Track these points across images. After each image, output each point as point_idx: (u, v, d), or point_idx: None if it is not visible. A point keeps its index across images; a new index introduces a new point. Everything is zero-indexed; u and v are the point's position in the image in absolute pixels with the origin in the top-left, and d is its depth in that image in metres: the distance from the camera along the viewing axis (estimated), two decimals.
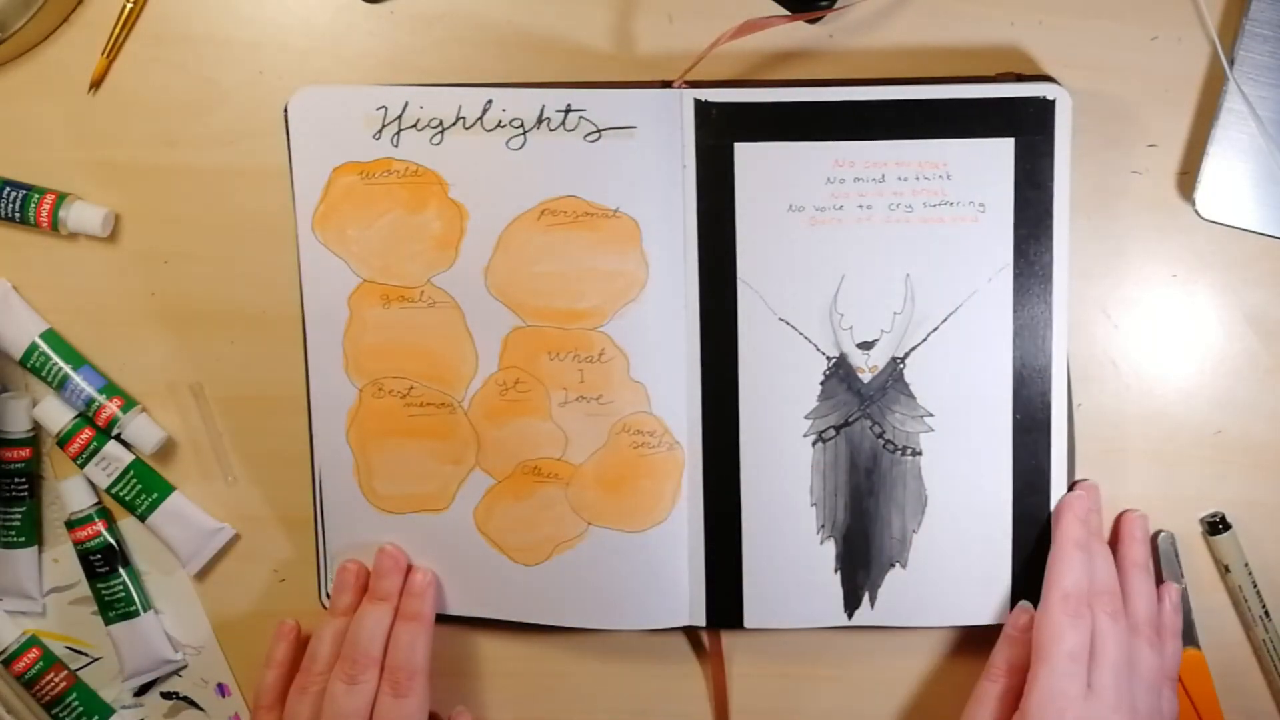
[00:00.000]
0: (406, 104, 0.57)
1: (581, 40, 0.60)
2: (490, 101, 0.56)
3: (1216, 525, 0.60)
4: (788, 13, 0.58)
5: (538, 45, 0.60)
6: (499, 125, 0.56)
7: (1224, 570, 0.60)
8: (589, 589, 0.59)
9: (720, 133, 0.56)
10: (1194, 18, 0.58)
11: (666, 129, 0.56)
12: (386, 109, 0.57)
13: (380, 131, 0.57)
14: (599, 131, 0.56)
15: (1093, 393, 0.60)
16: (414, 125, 0.57)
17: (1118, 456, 0.60)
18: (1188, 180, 0.59)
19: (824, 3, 0.57)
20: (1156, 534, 0.60)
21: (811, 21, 0.58)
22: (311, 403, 0.59)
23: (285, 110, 0.57)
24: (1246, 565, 0.60)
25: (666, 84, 0.57)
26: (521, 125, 0.56)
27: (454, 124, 0.57)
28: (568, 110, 0.56)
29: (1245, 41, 0.57)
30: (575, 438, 0.59)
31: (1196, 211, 0.58)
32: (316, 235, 0.58)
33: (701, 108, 0.56)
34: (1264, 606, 0.60)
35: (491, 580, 0.60)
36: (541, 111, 0.56)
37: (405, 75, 0.60)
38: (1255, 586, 0.60)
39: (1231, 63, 0.57)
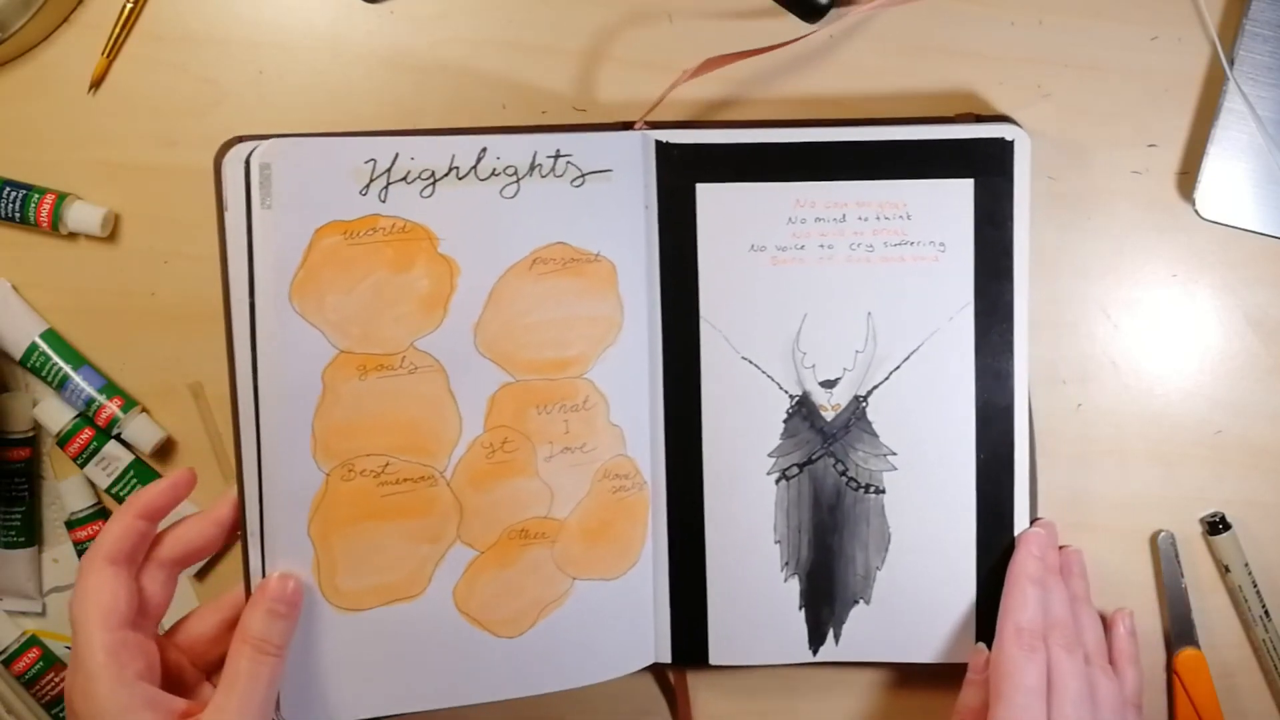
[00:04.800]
0: (397, 155, 0.52)
1: (583, 41, 0.60)
2: (485, 150, 0.54)
3: (1216, 525, 0.60)
4: (750, 49, 0.57)
5: (538, 46, 0.60)
6: (493, 174, 0.54)
7: (1224, 570, 0.60)
8: (573, 647, 0.57)
9: (682, 173, 0.56)
10: (1194, 18, 0.58)
11: (636, 171, 0.56)
12: (375, 161, 0.52)
13: (368, 186, 0.52)
14: (583, 176, 0.55)
15: (1093, 393, 0.60)
16: (404, 178, 0.53)
17: (1118, 456, 0.60)
18: (1188, 180, 0.59)
19: (824, 2, 0.57)
20: (1156, 534, 0.60)
21: (811, 21, 0.58)
22: (264, 497, 0.53)
23: (218, 165, 0.52)
24: (1246, 565, 0.60)
25: (628, 125, 0.57)
26: (515, 173, 0.54)
27: (446, 175, 0.53)
28: (557, 156, 0.54)
29: (1245, 41, 0.57)
30: (560, 491, 0.56)
31: (1196, 211, 0.58)
32: (294, 306, 0.52)
33: (663, 149, 0.56)
34: (1264, 606, 0.60)
35: (470, 663, 0.56)
36: (534, 158, 0.54)
37: (405, 75, 0.60)
38: (1255, 586, 0.60)
39: (1231, 63, 0.57)
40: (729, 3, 0.59)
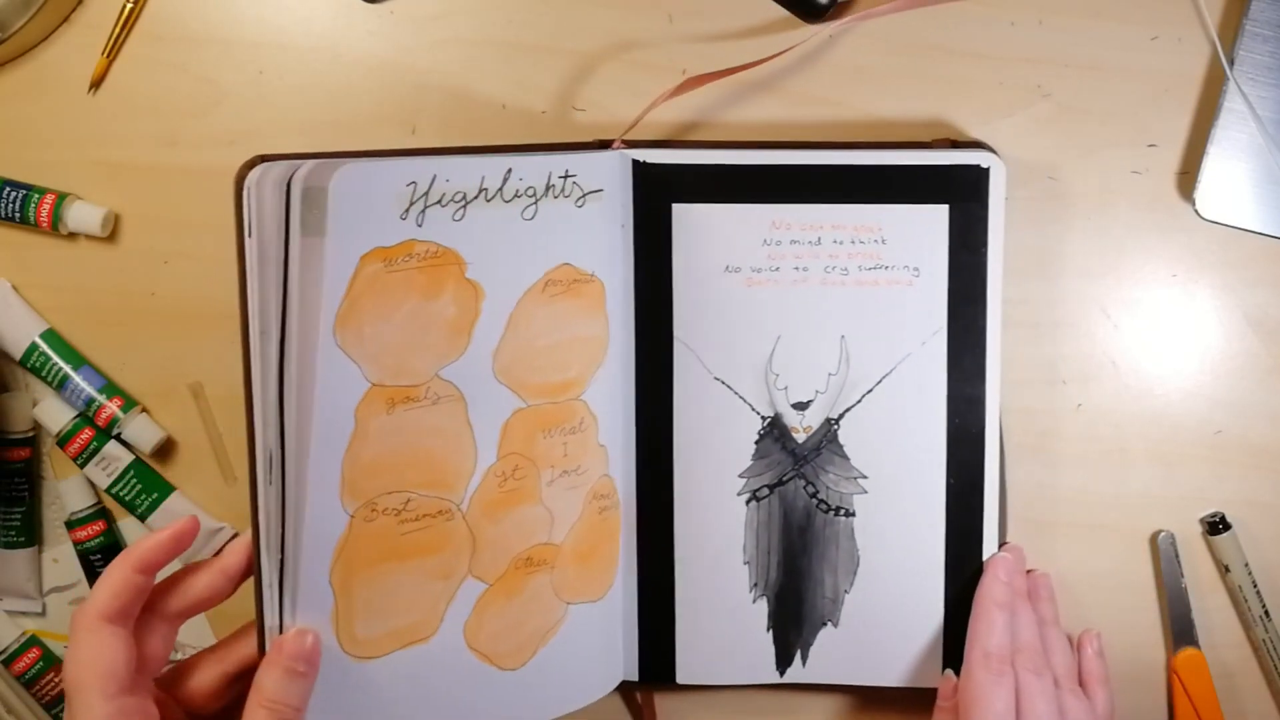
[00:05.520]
0: (435, 177, 0.49)
1: (582, 41, 0.60)
2: (510, 170, 0.51)
3: (1216, 525, 0.60)
4: (737, 65, 0.58)
5: (538, 46, 0.60)
6: (516, 195, 0.52)
7: (1224, 570, 0.60)
8: (565, 672, 0.57)
9: (658, 193, 0.56)
10: (1194, 18, 0.58)
11: (619, 190, 0.56)
12: (416, 184, 0.49)
13: (407, 210, 0.49)
14: (584, 196, 0.54)
15: (1093, 393, 0.60)
16: (439, 201, 0.50)
17: (1118, 456, 0.60)
18: (1188, 180, 0.59)
19: (824, 2, 0.57)
20: (1156, 534, 0.60)
21: (812, 21, 0.59)
22: (286, 545, 0.49)
23: (244, 189, 0.46)
24: (1246, 565, 0.60)
25: (606, 144, 0.57)
26: (534, 194, 0.52)
27: (476, 196, 0.50)
28: (566, 176, 0.53)
29: (1245, 41, 0.57)
30: (558, 515, 0.56)
31: (1196, 211, 0.58)
32: (336, 338, 0.48)
33: (640, 168, 0.56)
34: (1264, 606, 0.60)
35: (476, 699, 0.54)
36: (549, 178, 0.53)
37: (405, 75, 0.60)
38: (1255, 586, 0.60)
39: (1231, 63, 0.57)
40: (729, 3, 0.59)
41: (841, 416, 0.57)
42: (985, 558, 0.58)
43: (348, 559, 0.50)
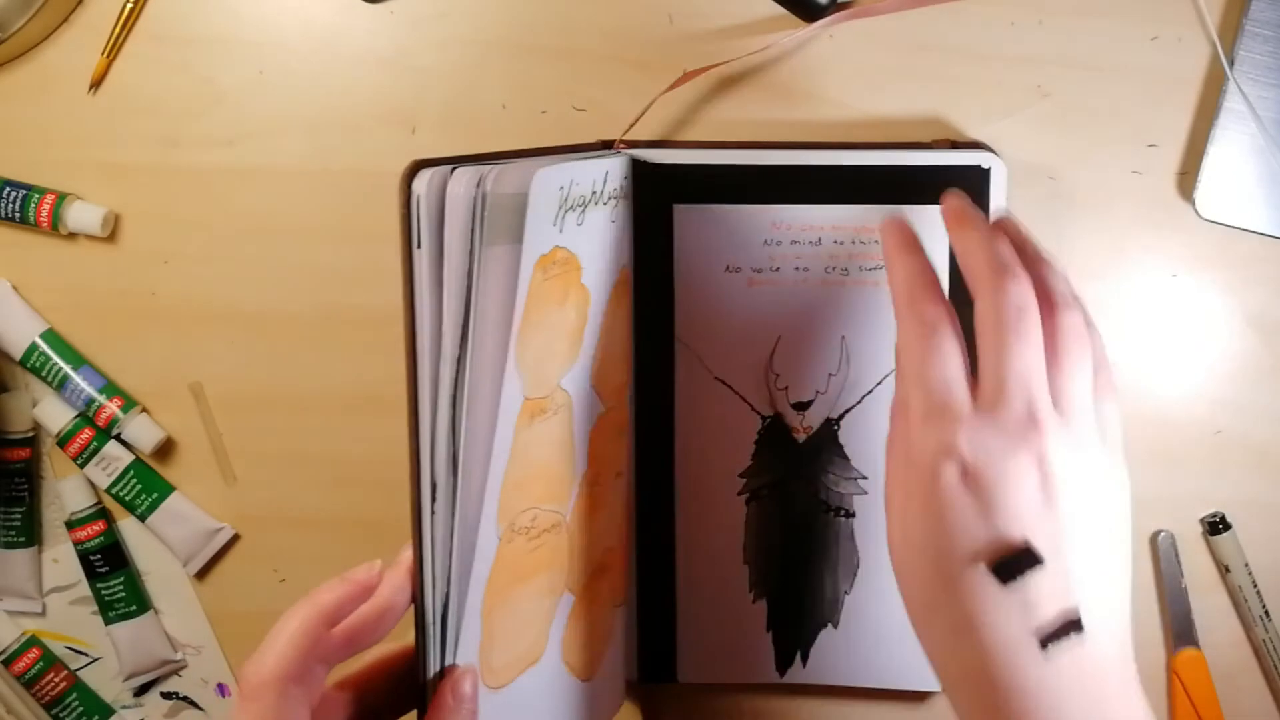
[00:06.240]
0: (572, 181, 0.46)
1: (583, 40, 0.60)
2: (608, 172, 0.50)
3: (1216, 525, 0.60)
4: (729, 57, 0.58)
5: (537, 46, 0.60)
6: (610, 198, 0.51)
7: (1224, 570, 0.60)
8: (613, 679, 0.57)
9: (659, 194, 0.56)
10: (1194, 18, 0.58)
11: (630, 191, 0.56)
12: (564, 188, 0.46)
13: (557, 215, 0.46)
14: (629, 196, 0.54)
15: None
16: (572, 206, 0.47)
17: None
18: (1188, 180, 0.59)
19: (824, 1, 0.57)
20: (1156, 534, 0.60)
21: (811, 20, 0.59)
22: (454, 579, 0.45)
23: (412, 198, 0.42)
24: (1246, 565, 0.60)
25: (607, 144, 0.57)
26: (616, 196, 0.51)
27: (590, 200, 0.48)
28: (626, 177, 0.53)
29: (1245, 41, 0.57)
30: (613, 518, 0.55)
31: (1196, 211, 0.58)
32: (515, 353, 0.44)
33: (641, 169, 0.56)
34: (1264, 606, 0.60)
35: (569, 716, 0.53)
36: (621, 180, 0.52)
37: (405, 75, 0.60)
38: (1255, 586, 0.60)
39: (1231, 63, 0.57)
40: (729, 3, 0.59)
41: (842, 417, 0.57)
42: None
43: (493, 586, 0.46)
